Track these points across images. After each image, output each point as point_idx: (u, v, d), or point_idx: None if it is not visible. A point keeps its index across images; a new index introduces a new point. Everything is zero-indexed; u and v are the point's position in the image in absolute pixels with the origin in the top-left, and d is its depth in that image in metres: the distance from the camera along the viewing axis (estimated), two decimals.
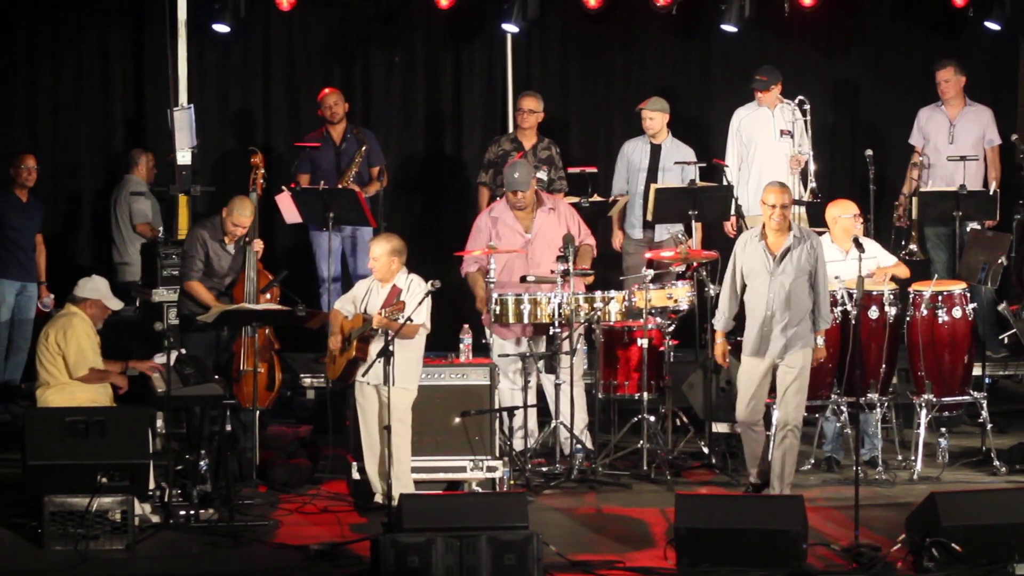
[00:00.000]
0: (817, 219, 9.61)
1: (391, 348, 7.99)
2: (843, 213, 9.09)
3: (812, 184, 10.15)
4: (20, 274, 10.12)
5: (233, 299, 9.08)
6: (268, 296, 9.13)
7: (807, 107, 10.18)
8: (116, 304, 8.69)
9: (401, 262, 8.36)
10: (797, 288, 8.16)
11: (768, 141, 10.31)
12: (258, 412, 8.87)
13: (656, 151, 10.38)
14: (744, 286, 8.29)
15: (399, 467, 8.20)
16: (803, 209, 10.18)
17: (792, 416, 8.17)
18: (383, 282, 8.36)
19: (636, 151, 10.42)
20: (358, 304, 8.40)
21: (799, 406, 8.21)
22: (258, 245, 9.14)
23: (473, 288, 9.26)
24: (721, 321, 8.39)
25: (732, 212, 10.09)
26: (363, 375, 8.31)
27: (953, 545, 7.22)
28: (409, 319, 8.09)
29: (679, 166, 10.28)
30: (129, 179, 10.88)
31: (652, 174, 10.35)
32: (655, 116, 10.32)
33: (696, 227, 10.03)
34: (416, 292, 8.25)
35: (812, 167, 10.20)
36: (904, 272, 9.17)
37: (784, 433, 8.18)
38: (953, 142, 10.47)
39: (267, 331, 9.01)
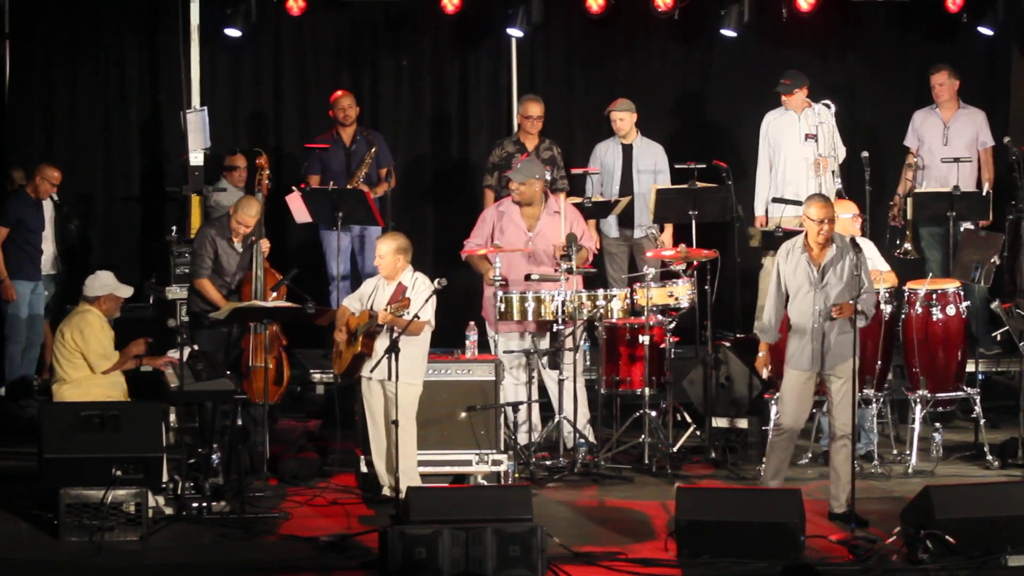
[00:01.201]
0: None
1: (398, 344, 8.14)
2: (842, 213, 9.22)
3: (838, 186, 10.26)
4: (34, 273, 10.28)
5: (241, 298, 9.19)
6: (275, 294, 9.28)
7: (833, 109, 10.29)
8: (127, 291, 8.75)
9: (407, 260, 8.47)
10: (841, 300, 7.94)
11: (793, 145, 10.39)
12: (268, 407, 9.02)
13: (628, 151, 10.56)
14: (787, 296, 8.10)
15: (406, 461, 8.32)
16: None
17: (848, 425, 7.99)
18: (389, 280, 8.47)
19: (608, 152, 10.59)
20: (364, 301, 8.51)
21: (848, 412, 8.00)
22: (265, 245, 9.25)
23: (478, 267, 9.37)
24: (770, 334, 8.16)
25: (761, 213, 10.21)
26: (370, 371, 8.44)
27: (947, 537, 7.30)
28: (416, 316, 8.24)
29: (652, 166, 10.44)
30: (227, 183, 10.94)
31: (626, 175, 10.53)
32: (625, 117, 10.49)
33: (668, 226, 10.17)
34: (421, 289, 8.35)
35: (838, 170, 10.25)
36: (893, 280, 9.31)
37: (843, 442, 8.02)
38: (947, 144, 10.60)
39: (275, 328, 9.16)
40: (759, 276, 10.58)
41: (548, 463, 9.13)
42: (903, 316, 9.18)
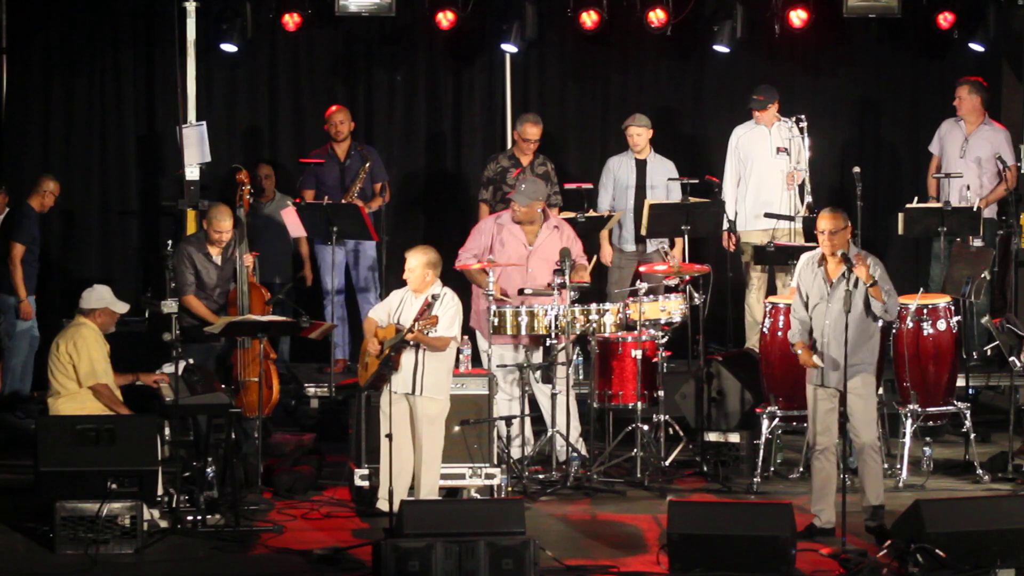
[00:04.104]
0: (813, 234, 9.75)
1: (391, 365, 8.15)
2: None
3: (808, 199, 10.34)
4: (34, 288, 10.41)
5: (229, 313, 9.26)
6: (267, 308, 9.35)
7: (804, 124, 10.38)
8: (122, 307, 8.80)
9: (436, 274, 8.42)
10: (853, 314, 7.87)
11: (764, 158, 10.49)
12: (261, 420, 9.04)
13: (642, 166, 10.63)
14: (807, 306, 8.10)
15: (429, 475, 8.36)
16: (800, 224, 10.40)
17: (866, 438, 8.03)
18: (417, 293, 8.45)
19: (622, 167, 10.66)
20: (392, 314, 8.47)
21: (869, 426, 8.06)
22: (248, 259, 9.33)
23: (475, 279, 9.38)
24: (796, 335, 8.19)
25: (725, 227, 10.32)
26: (366, 386, 8.45)
27: (937, 551, 7.34)
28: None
29: (666, 182, 10.53)
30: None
31: (640, 190, 10.59)
32: (642, 132, 10.58)
33: (678, 241, 10.25)
34: (449, 305, 8.34)
35: (808, 183, 10.39)
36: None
37: (862, 457, 8.07)
38: (964, 156, 10.68)
39: (263, 342, 9.18)
40: (746, 292, 10.64)
41: (541, 477, 9.17)
42: (894, 331, 9.21)
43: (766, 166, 10.49)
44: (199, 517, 8.16)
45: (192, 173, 10.48)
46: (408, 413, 8.39)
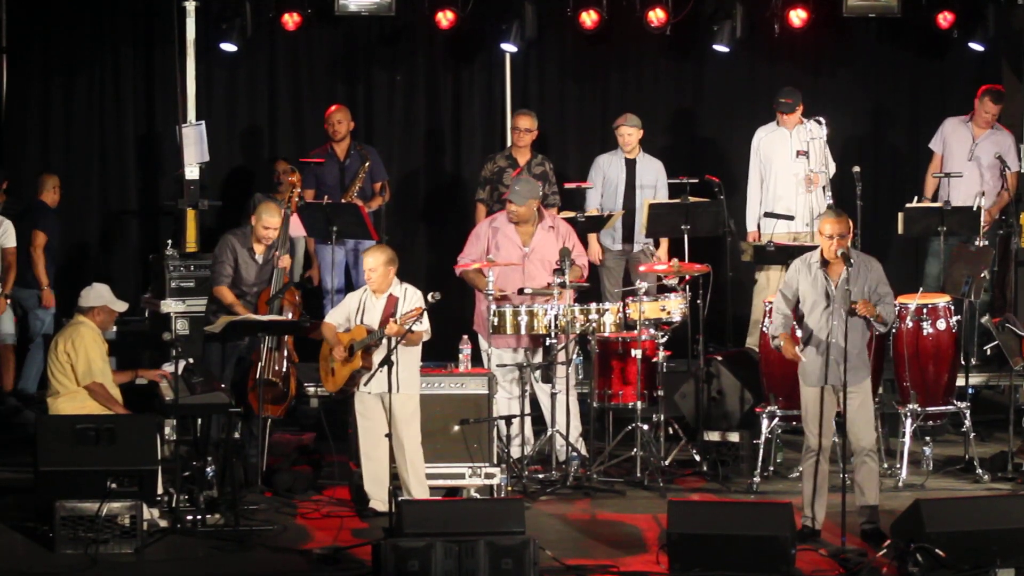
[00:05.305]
0: None
1: (392, 358, 8.17)
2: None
3: (829, 201, 10.31)
4: (52, 283, 10.45)
5: (257, 309, 9.26)
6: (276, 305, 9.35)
7: (824, 125, 10.36)
8: (121, 306, 8.80)
9: (395, 272, 8.47)
10: (856, 317, 7.90)
11: (784, 161, 10.46)
12: (268, 420, 9.02)
13: (631, 166, 10.65)
14: (797, 306, 8.05)
15: (416, 471, 8.38)
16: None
17: (865, 439, 8.00)
18: (378, 293, 8.45)
19: (612, 166, 10.67)
20: (352, 317, 8.50)
21: (867, 427, 8.02)
22: (285, 261, 9.33)
23: (473, 282, 9.38)
24: (780, 327, 8.12)
25: (752, 228, 10.34)
26: (365, 385, 8.47)
27: (937, 551, 7.34)
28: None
29: (654, 181, 10.54)
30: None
31: (630, 189, 10.62)
32: (633, 132, 10.60)
33: (663, 241, 10.26)
34: (413, 299, 8.38)
35: (830, 185, 10.35)
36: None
37: (862, 459, 8.02)
38: (971, 159, 10.67)
39: (290, 343, 9.15)
40: (753, 291, 10.65)
41: (540, 476, 9.18)
42: (894, 330, 9.22)
43: (784, 168, 10.48)
44: (199, 516, 8.16)
45: (192, 173, 10.48)
46: (382, 413, 8.37)
